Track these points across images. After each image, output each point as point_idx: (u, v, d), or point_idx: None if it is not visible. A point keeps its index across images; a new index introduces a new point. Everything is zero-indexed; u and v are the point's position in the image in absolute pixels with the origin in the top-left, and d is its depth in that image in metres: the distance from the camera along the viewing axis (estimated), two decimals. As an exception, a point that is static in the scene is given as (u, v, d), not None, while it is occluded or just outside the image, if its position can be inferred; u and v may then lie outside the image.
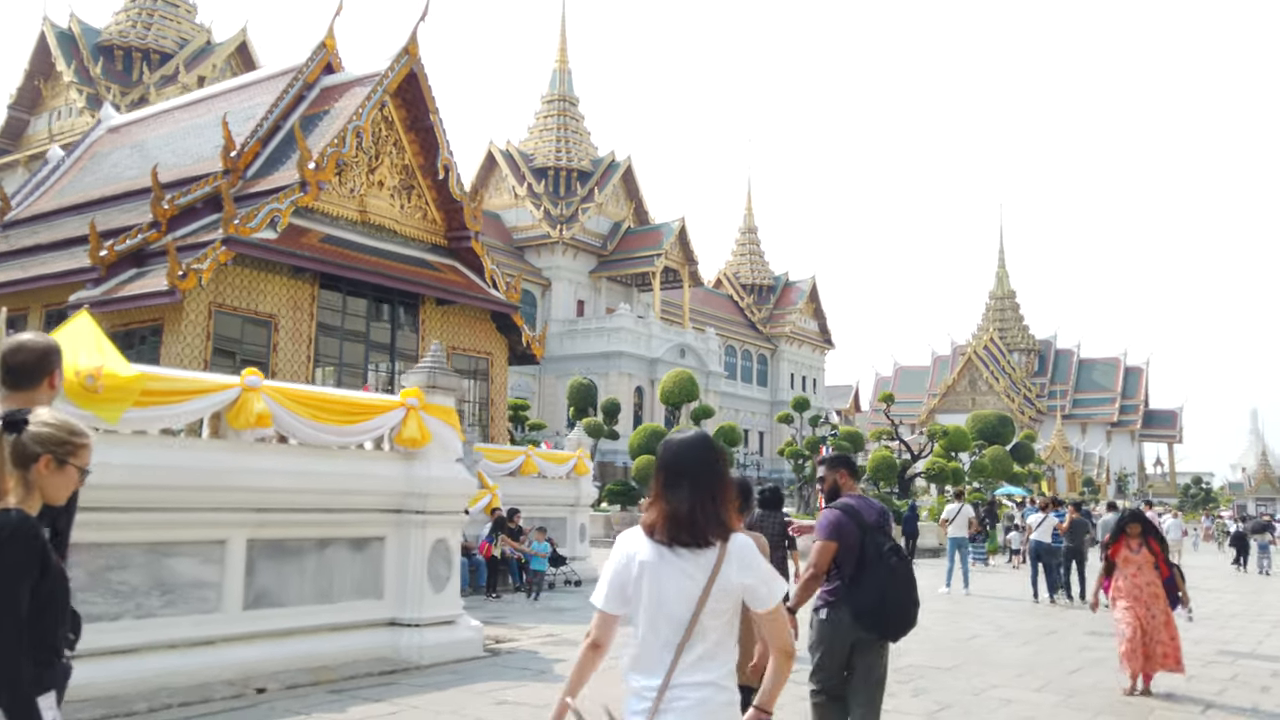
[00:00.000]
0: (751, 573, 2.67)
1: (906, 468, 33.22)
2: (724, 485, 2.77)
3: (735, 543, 2.68)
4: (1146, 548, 8.98)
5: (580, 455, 19.99)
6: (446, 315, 18.97)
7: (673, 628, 2.68)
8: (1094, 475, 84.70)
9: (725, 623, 2.70)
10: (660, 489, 2.75)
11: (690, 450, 2.77)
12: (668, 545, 2.68)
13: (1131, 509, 9.53)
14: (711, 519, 2.68)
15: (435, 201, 18.96)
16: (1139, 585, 8.92)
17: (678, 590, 2.67)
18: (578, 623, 12.61)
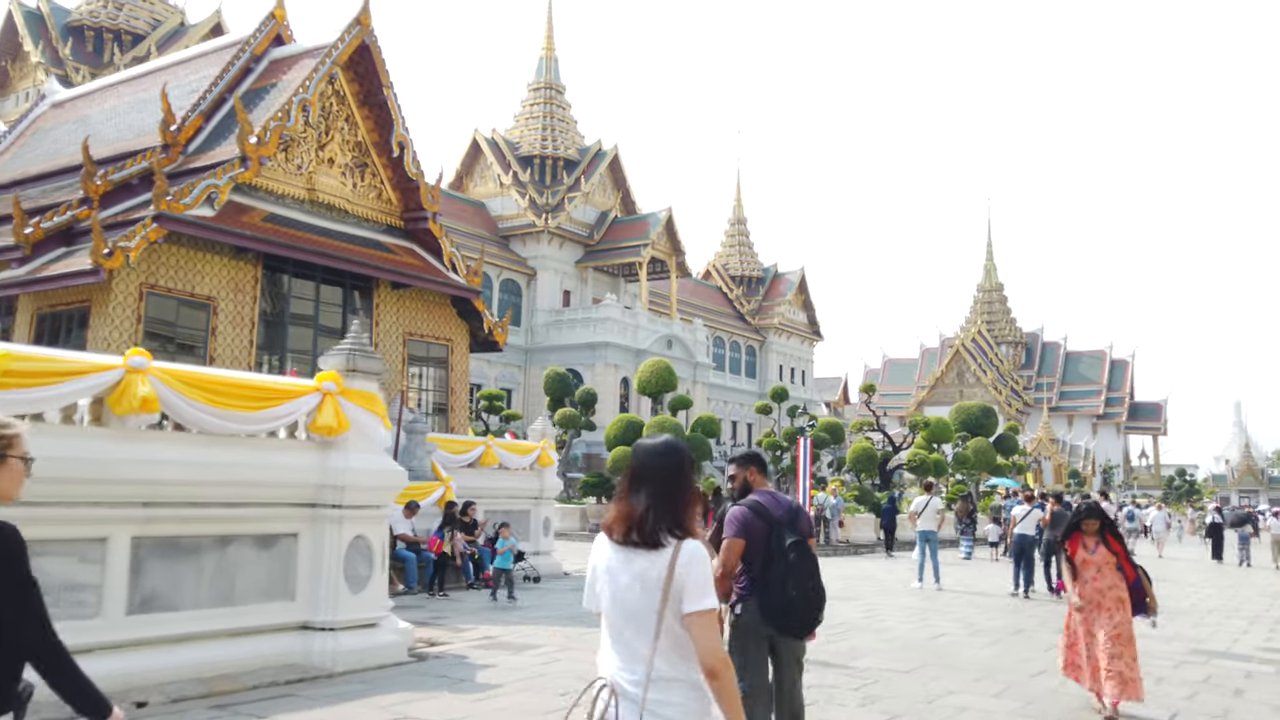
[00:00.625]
0: (687, 572, 2.70)
1: (887, 459, 32.36)
2: (683, 491, 2.81)
3: (686, 546, 2.73)
4: (1105, 546, 7.68)
5: (544, 446, 19.11)
6: (402, 300, 18.03)
7: (633, 625, 2.74)
8: (1080, 467, 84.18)
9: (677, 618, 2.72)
10: (624, 490, 2.84)
11: (655, 456, 2.84)
12: (622, 545, 2.78)
13: (1088, 503, 8.03)
14: (665, 522, 2.74)
15: (391, 180, 18.01)
16: (1099, 590, 7.68)
17: (631, 588, 2.73)
18: (525, 623, 11.74)
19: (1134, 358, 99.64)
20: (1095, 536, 7.68)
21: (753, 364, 79.77)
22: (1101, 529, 7.71)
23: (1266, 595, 18.91)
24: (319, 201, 16.85)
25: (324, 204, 16.92)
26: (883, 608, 14.54)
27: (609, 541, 2.82)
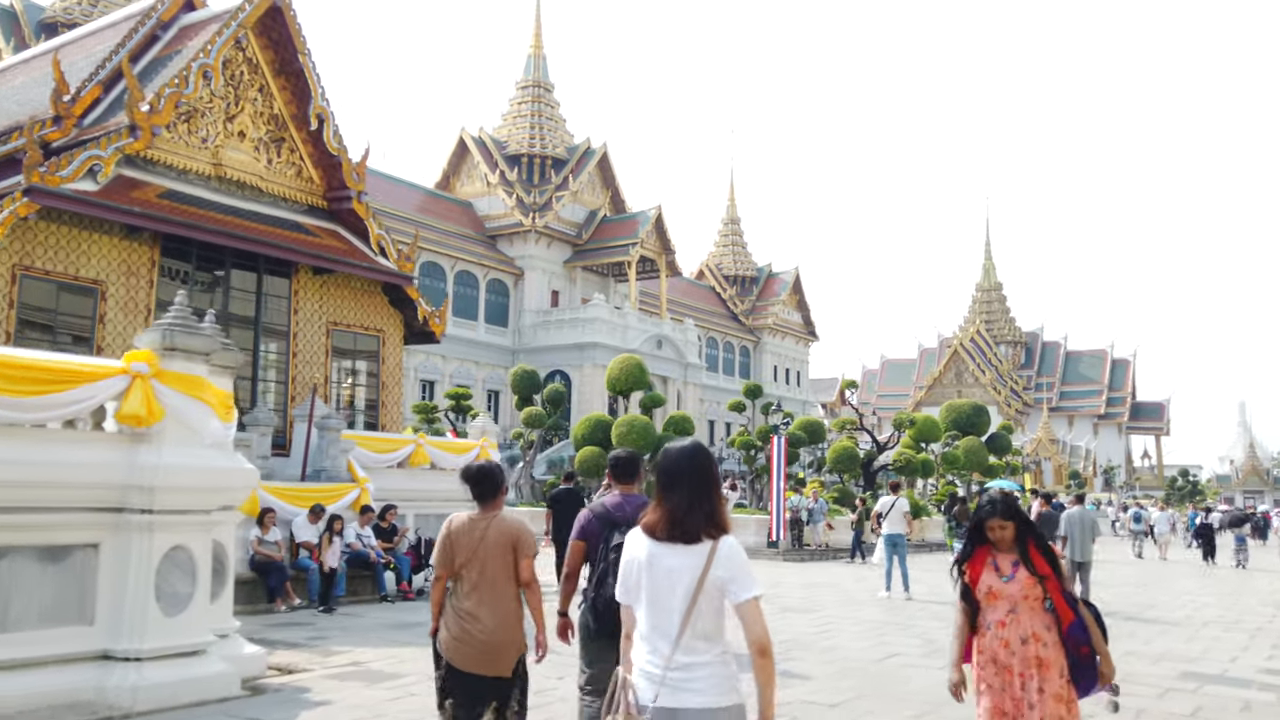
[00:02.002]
0: (729, 569, 2.95)
1: (871, 460, 30.67)
2: (716, 489, 3.10)
3: (724, 542, 3.00)
4: (1026, 566, 4.48)
5: (484, 445, 17.49)
6: (326, 287, 16.43)
7: (670, 614, 2.96)
8: (1081, 468, 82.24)
9: (715, 609, 2.97)
10: (660, 492, 3.09)
11: (686, 459, 3.13)
12: (666, 541, 3.02)
13: (991, 495, 4.72)
14: (704, 518, 3.01)
15: (312, 157, 16.42)
16: (1010, 645, 4.43)
17: (673, 581, 2.97)
18: (414, 644, 10.10)
19: (1136, 357, 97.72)
20: (1012, 553, 4.54)
21: (746, 365, 78.08)
22: (1022, 538, 4.53)
23: (1270, 604, 17.19)
24: (227, 178, 15.25)
25: (233, 181, 15.32)
26: (839, 622, 12.87)
27: (648, 539, 3.05)
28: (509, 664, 4.66)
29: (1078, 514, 15.06)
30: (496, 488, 4.87)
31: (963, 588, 4.68)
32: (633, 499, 5.07)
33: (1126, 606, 15.90)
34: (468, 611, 4.60)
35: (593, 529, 4.97)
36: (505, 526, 4.76)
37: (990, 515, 4.58)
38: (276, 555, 12.86)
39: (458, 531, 4.73)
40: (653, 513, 3.09)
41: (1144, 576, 22.47)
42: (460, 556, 4.68)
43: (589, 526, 5.00)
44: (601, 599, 4.77)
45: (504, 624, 4.61)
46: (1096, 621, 4.58)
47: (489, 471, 4.91)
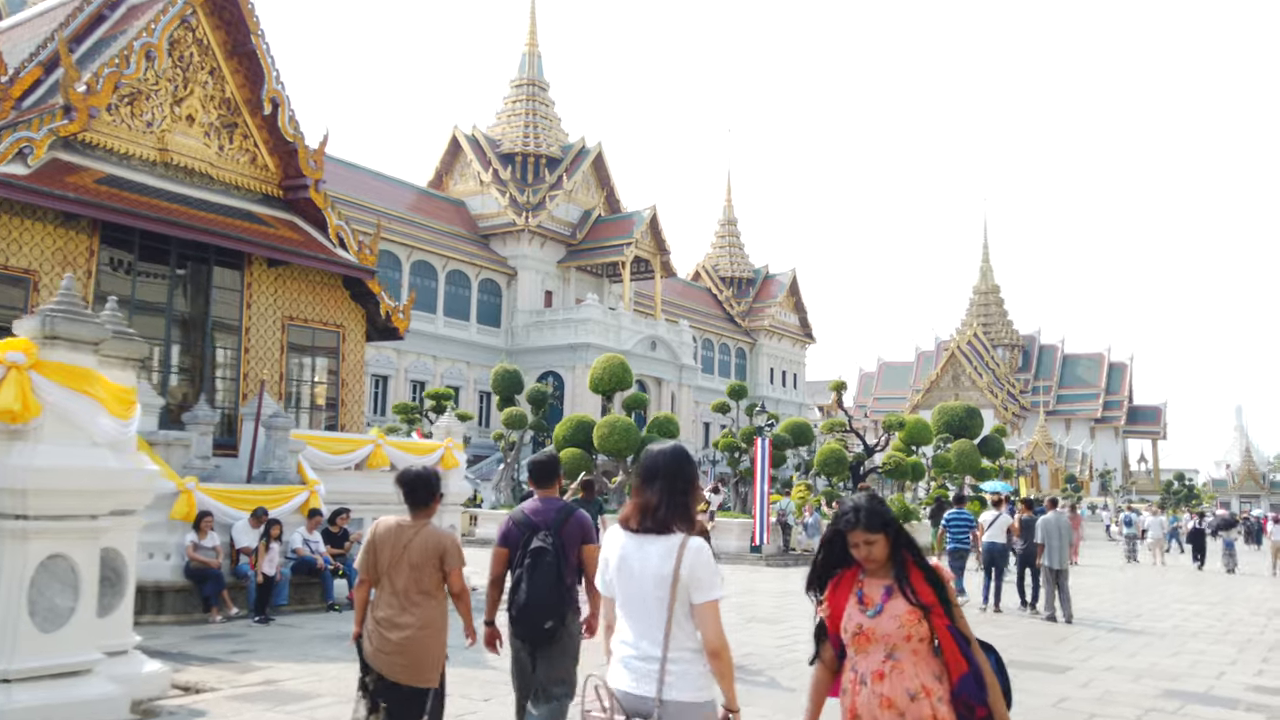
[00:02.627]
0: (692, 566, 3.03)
1: (860, 462, 29.86)
2: (690, 487, 3.19)
3: (692, 541, 3.08)
4: (903, 594, 3.23)
5: (449, 446, 16.71)
6: (281, 280, 15.65)
7: (644, 605, 3.04)
8: (1077, 472, 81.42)
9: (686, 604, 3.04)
10: (637, 487, 3.21)
11: (663, 457, 3.24)
12: (638, 532, 3.12)
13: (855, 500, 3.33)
14: (675, 512, 3.12)
15: (267, 144, 15.65)
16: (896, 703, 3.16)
17: (646, 570, 3.06)
18: (342, 660, 9.32)
19: (1133, 360, 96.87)
20: (885, 577, 3.27)
21: (743, 367, 77.30)
22: (898, 557, 3.29)
23: (1261, 613, 16.38)
24: (174, 164, 14.48)
25: (180, 167, 14.55)
26: (806, 635, 12.06)
27: (625, 531, 3.17)
28: (430, 674, 4.55)
29: (1054, 519, 14.29)
30: (431, 495, 4.77)
31: (818, 627, 3.38)
32: (552, 503, 5.01)
33: (1112, 615, 15.12)
34: (389, 620, 4.50)
35: (513, 535, 4.90)
36: (432, 536, 4.61)
37: (852, 527, 3.20)
38: (213, 562, 12.09)
39: (383, 537, 4.63)
40: (628, 506, 3.20)
41: (1134, 583, 21.68)
42: (383, 563, 4.57)
43: (510, 533, 4.93)
44: (517, 604, 4.77)
45: (425, 634, 4.50)
46: (998, 673, 3.25)
47: (424, 478, 4.78)
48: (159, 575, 11.93)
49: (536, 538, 4.81)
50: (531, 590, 4.73)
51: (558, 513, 4.94)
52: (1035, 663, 10.36)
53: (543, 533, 4.83)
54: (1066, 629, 13.29)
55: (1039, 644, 11.77)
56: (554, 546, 4.81)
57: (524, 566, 4.77)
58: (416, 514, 4.72)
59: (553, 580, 4.76)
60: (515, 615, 4.78)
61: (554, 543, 4.82)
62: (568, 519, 4.94)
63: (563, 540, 4.85)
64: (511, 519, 5.03)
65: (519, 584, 4.77)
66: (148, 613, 11.70)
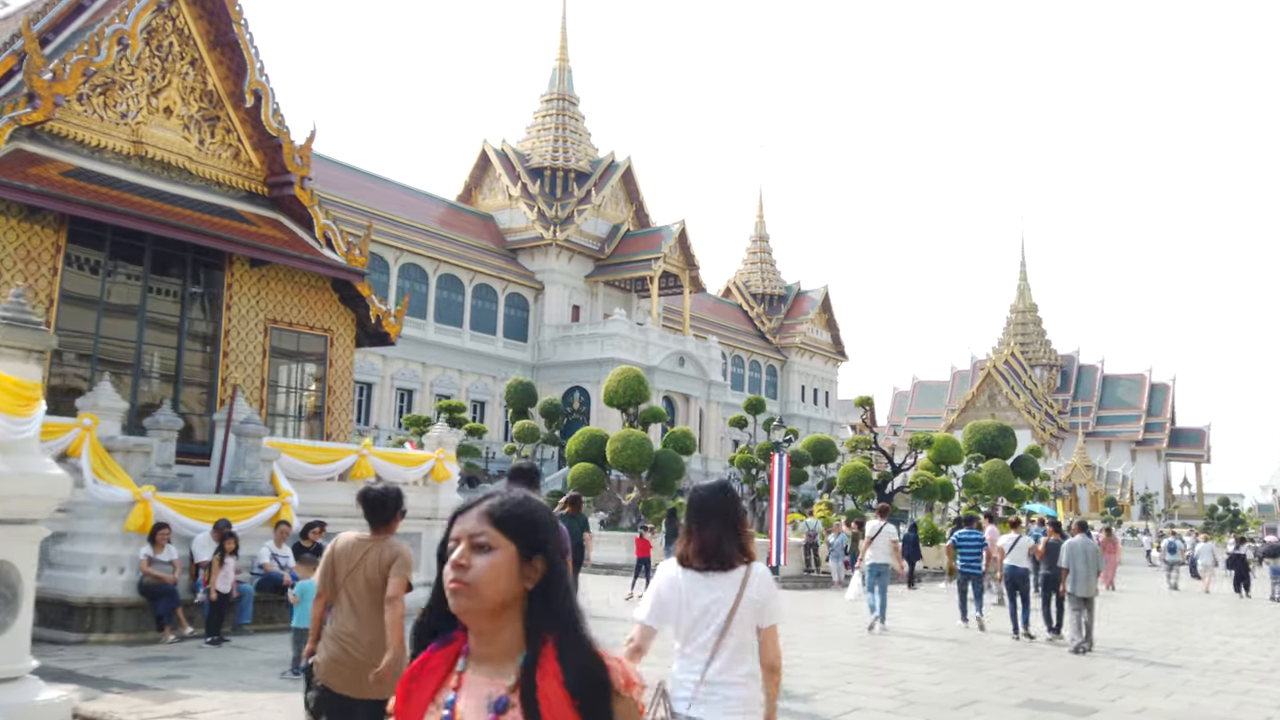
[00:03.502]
0: (763, 593, 3.26)
1: (886, 481, 28.53)
2: (742, 520, 3.40)
3: (756, 568, 3.29)
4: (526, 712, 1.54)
5: (440, 457, 15.78)
6: (265, 281, 14.84)
7: (705, 635, 3.21)
8: (1118, 495, 78.97)
9: (747, 630, 3.23)
10: (693, 526, 3.36)
11: (715, 495, 3.40)
12: (701, 571, 3.25)
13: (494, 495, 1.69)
14: (735, 547, 3.28)
15: (251, 139, 14.91)
16: None
17: (709, 605, 3.22)
18: (271, 690, 8.36)
19: (1175, 382, 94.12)
20: (502, 671, 1.56)
21: (773, 384, 75.94)
22: (539, 611, 1.58)
23: (1318, 651, 14.92)
24: (150, 158, 13.75)
25: (156, 161, 13.81)
26: (806, 664, 10.92)
27: (681, 569, 3.31)
28: (385, 687, 4.35)
29: (1080, 544, 13.17)
30: (390, 514, 4.73)
31: None
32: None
33: (1148, 647, 13.79)
34: (346, 633, 4.48)
35: None
36: (388, 549, 4.62)
37: (461, 515, 1.64)
38: (168, 577, 11.22)
39: (341, 551, 4.65)
40: (684, 545, 3.37)
41: (1175, 612, 20.19)
42: (340, 577, 4.59)
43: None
44: None
45: (380, 647, 4.43)
46: None
47: (385, 497, 4.76)
48: (110, 591, 11.06)
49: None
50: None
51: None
52: (1057, 703, 9.16)
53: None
54: (1094, 663, 12.02)
55: (1062, 680, 10.53)
56: None
57: None
58: (377, 531, 4.70)
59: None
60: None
61: None
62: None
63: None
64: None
65: None
66: (96, 631, 10.85)
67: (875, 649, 12.52)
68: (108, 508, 11.34)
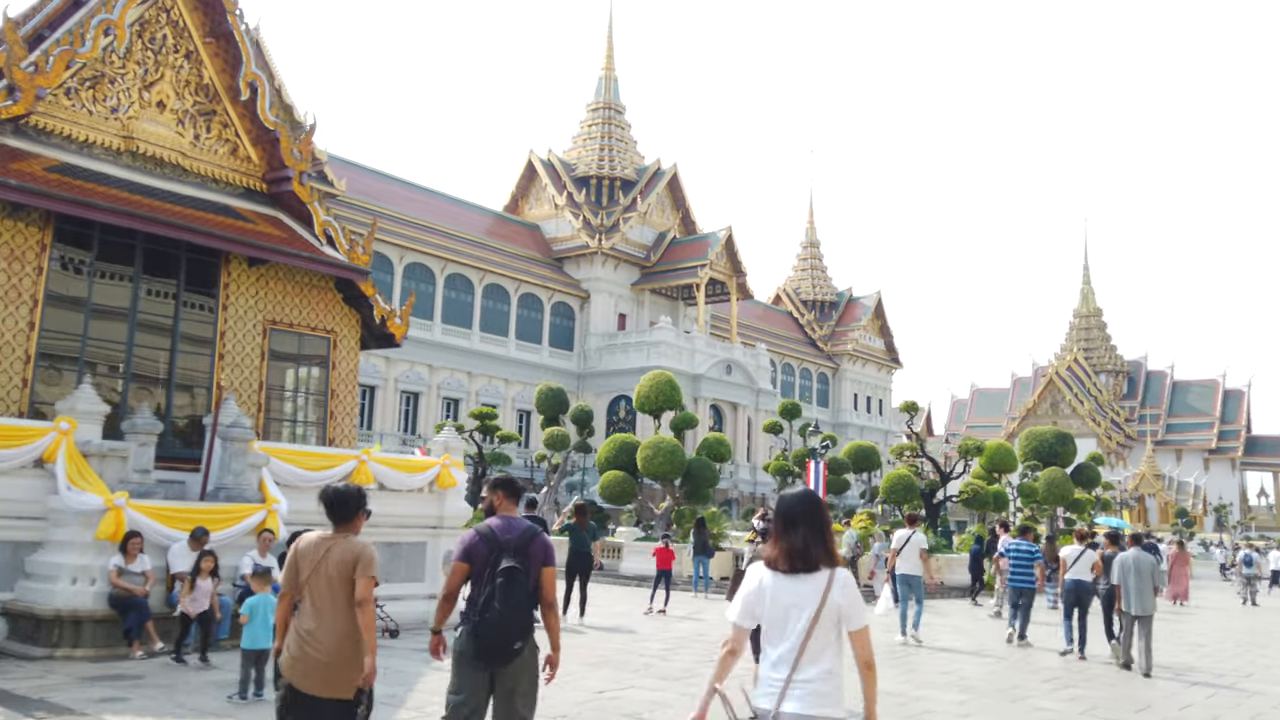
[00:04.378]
0: (847, 597, 3.48)
1: (933, 490, 27.15)
2: (828, 526, 3.62)
3: (840, 572, 3.49)
4: None
5: (446, 463, 15.03)
6: (265, 281, 14.23)
7: (792, 635, 3.43)
8: (1189, 506, 75.69)
9: (829, 631, 3.45)
10: (780, 531, 3.61)
11: (801, 503, 3.67)
12: (788, 573, 3.51)
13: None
14: (821, 551, 3.53)
15: (250, 134, 14.33)
16: None
17: (797, 606, 3.45)
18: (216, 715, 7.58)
19: (1250, 387, 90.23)
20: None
21: (825, 392, 74.37)
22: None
23: None
24: (142, 154, 13.21)
25: (148, 157, 13.27)
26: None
27: (770, 571, 3.57)
28: (348, 686, 4.48)
29: (1133, 558, 12.09)
30: (352, 512, 4.72)
31: None
32: (516, 522, 4.94)
33: (1218, 672, 12.42)
34: (308, 631, 4.47)
35: (479, 551, 4.82)
36: (349, 547, 4.59)
37: None
38: (138, 589, 10.55)
39: (304, 551, 4.63)
40: (773, 549, 3.60)
41: (1250, 632, 18.58)
42: (304, 576, 4.57)
43: (474, 548, 4.83)
44: (485, 624, 4.62)
45: (343, 646, 4.45)
46: None
47: (345, 496, 4.74)
48: (79, 603, 10.42)
49: (506, 557, 4.72)
50: (505, 609, 4.63)
51: (524, 533, 4.85)
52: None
53: (509, 552, 4.74)
54: (1152, 690, 10.75)
55: (1116, 710, 9.32)
56: (524, 567, 4.74)
57: (495, 585, 4.66)
58: (338, 529, 4.68)
59: (525, 601, 4.71)
60: (483, 633, 4.61)
61: (522, 562, 4.75)
62: (534, 539, 4.85)
63: (529, 559, 4.77)
64: (478, 534, 4.85)
65: (490, 601, 4.64)
66: (64, 646, 10.22)
67: (908, 670, 11.37)
68: (80, 515, 10.74)
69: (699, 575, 20.28)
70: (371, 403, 48.64)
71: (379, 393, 48.68)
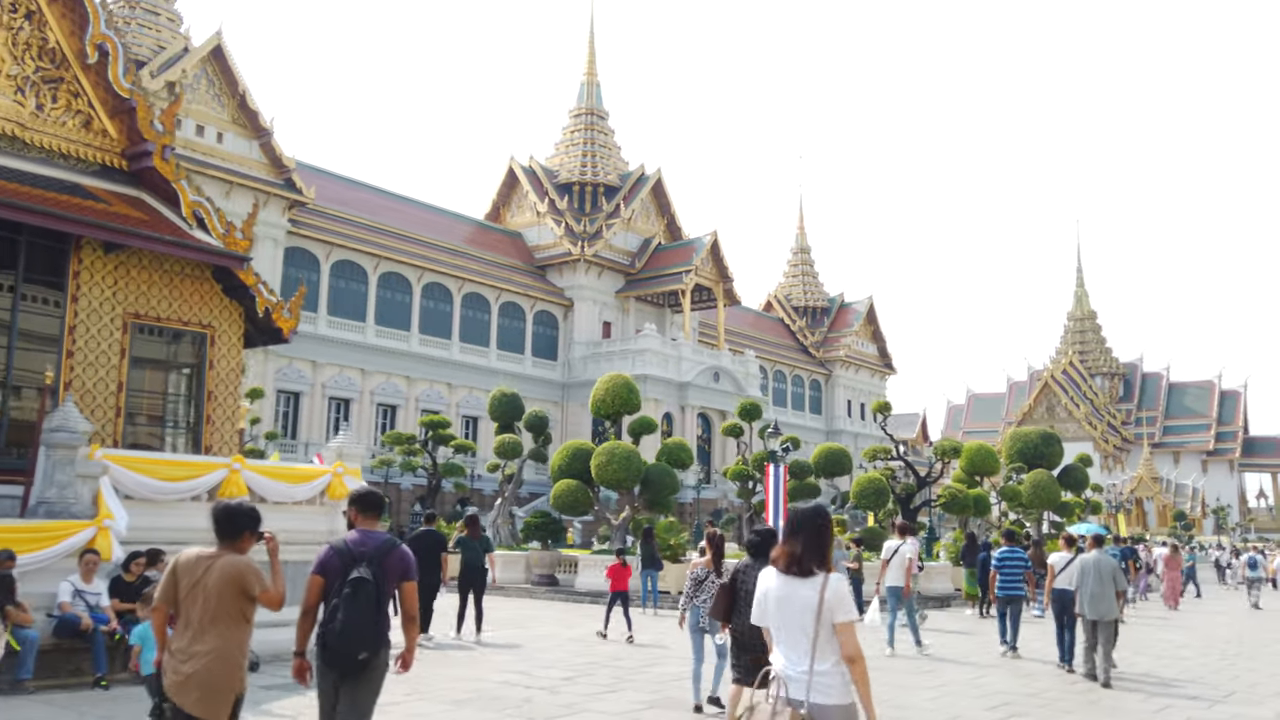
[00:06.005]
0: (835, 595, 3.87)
1: (910, 495, 25.24)
2: (826, 539, 4.03)
3: (832, 577, 3.92)
4: None
5: (338, 472, 13.22)
6: (125, 270, 12.45)
7: (799, 630, 3.84)
8: (1188, 508, 73.51)
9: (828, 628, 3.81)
10: (786, 537, 4.04)
11: (804, 515, 4.09)
12: (786, 574, 3.97)
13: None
14: (814, 558, 3.96)
15: (107, 106, 12.62)
16: None
17: (795, 604, 3.89)
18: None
19: (1247, 388, 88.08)
20: None
21: (817, 399, 72.45)
22: None
23: None
24: (-31, 125, 11.53)
25: (-22, 128, 11.59)
26: None
27: (774, 571, 4.02)
28: (221, 707, 4.38)
29: (1094, 559, 11.07)
30: (238, 531, 4.56)
31: None
32: (374, 535, 4.86)
33: (1203, 683, 10.55)
34: (181, 650, 4.39)
35: (333, 565, 4.76)
36: (231, 564, 4.45)
37: None
38: (-84, 623, 8.78)
39: (183, 567, 4.51)
40: (778, 551, 4.02)
41: (1249, 637, 16.63)
42: (182, 593, 4.46)
43: (328, 562, 4.78)
44: (330, 633, 4.59)
45: (217, 666, 4.36)
46: None
47: (233, 514, 4.60)
48: None
49: (357, 568, 4.65)
50: (348, 619, 4.58)
51: (380, 545, 4.78)
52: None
53: (363, 565, 4.67)
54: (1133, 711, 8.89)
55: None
56: (375, 578, 4.66)
57: (341, 596, 4.62)
58: (223, 547, 4.54)
59: (371, 611, 4.62)
60: (329, 643, 4.59)
61: (375, 574, 4.67)
62: (390, 552, 4.79)
63: (384, 572, 4.72)
64: (332, 548, 4.81)
65: (335, 613, 4.61)
66: None
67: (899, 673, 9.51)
68: None
69: (647, 590, 18.40)
70: (347, 416, 46.90)
71: (354, 406, 46.95)
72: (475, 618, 13.70)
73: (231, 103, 43.42)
